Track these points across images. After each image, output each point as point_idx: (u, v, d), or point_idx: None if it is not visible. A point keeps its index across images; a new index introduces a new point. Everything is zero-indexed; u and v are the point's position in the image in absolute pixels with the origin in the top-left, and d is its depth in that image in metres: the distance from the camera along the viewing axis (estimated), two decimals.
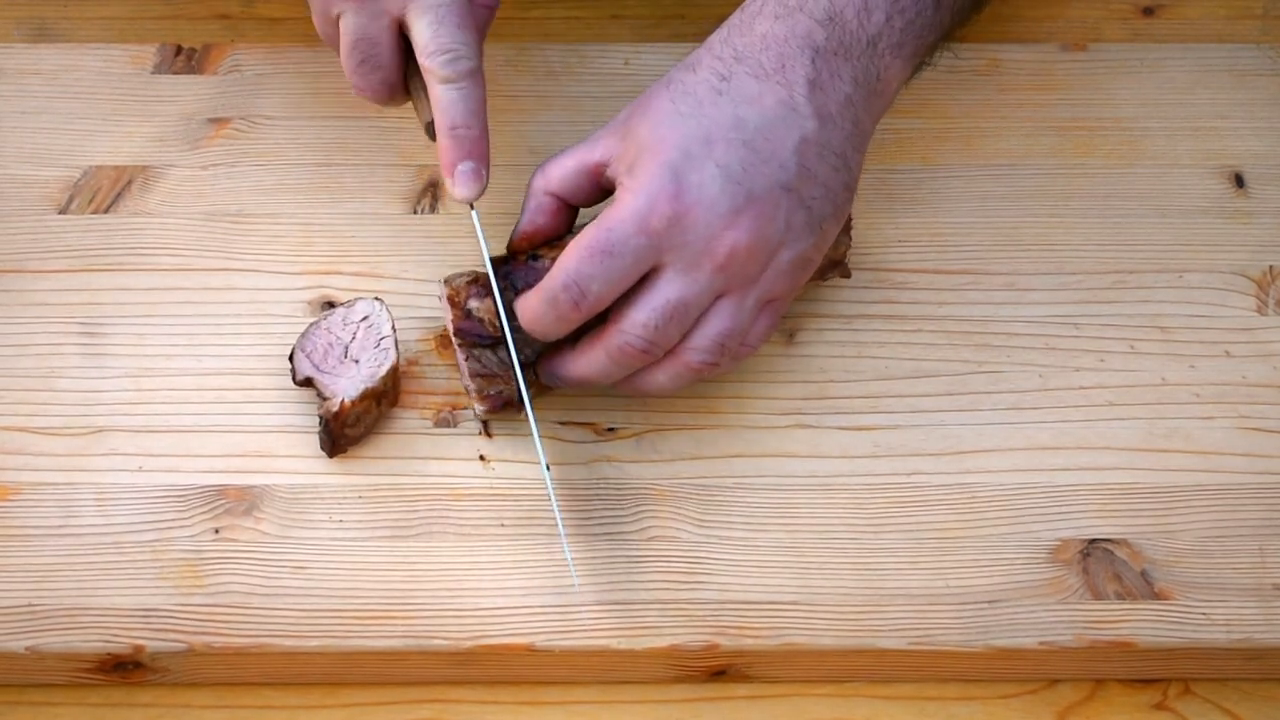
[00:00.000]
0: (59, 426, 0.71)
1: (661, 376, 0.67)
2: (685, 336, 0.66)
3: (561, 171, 0.68)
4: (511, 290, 0.68)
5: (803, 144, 0.65)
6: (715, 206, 0.63)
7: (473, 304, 0.68)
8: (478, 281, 0.69)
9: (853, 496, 0.69)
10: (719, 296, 0.65)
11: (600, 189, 0.68)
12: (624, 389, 0.68)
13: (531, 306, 0.66)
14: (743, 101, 0.65)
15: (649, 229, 0.63)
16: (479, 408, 0.69)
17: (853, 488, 0.69)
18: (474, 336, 0.68)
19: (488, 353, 0.69)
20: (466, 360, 0.69)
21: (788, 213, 0.65)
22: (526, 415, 0.67)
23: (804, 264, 0.67)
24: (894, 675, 0.67)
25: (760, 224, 0.64)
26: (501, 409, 0.69)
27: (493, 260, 0.69)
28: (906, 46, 0.69)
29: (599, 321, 0.66)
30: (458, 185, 0.69)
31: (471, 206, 0.70)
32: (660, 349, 0.65)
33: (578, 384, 0.68)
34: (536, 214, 0.69)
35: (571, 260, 0.64)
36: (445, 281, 0.69)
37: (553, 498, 0.66)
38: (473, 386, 0.69)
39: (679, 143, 0.64)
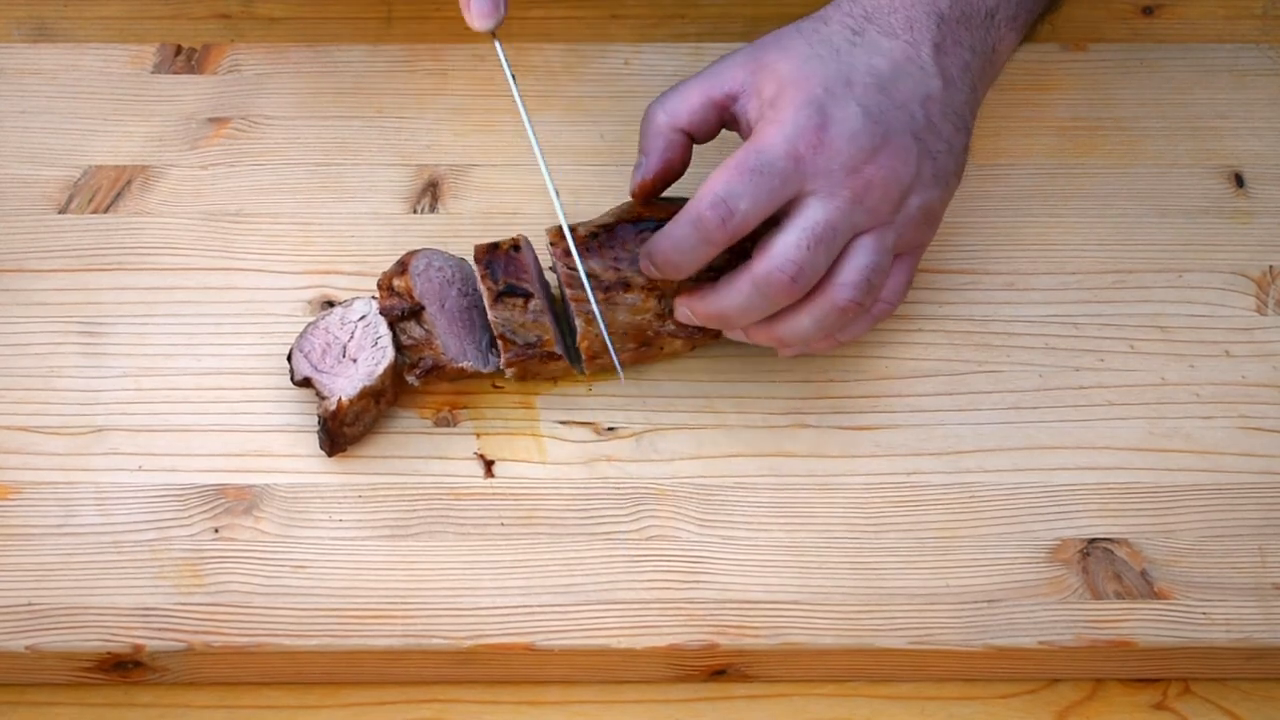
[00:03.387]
0: (59, 426, 0.71)
1: (806, 319, 0.67)
2: (830, 273, 0.66)
3: (689, 106, 0.69)
4: (491, 279, 0.69)
5: (928, 99, 0.68)
6: (857, 140, 0.65)
7: (395, 282, 0.70)
8: (398, 263, 0.71)
9: (853, 496, 0.69)
10: (858, 234, 0.66)
11: (721, 123, 0.70)
12: (762, 338, 0.68)
13: (673, 234, 0.66)
14: (875, 53, 0.68)
15: (796, 154, 0.65)
16: (411, 379, 0.70)
17: (853, 487, 0.69)
18: (396, 311, 0.70)
19: (411, 324, 0.70)
20: (398, 336, 0.70)
21: (918, 159, 0.67)
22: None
23: (930, 216, 0.69)
24: (894, 675, 0.67)
25: (895, 163, 0.66)
26: (428, 375, 0.70)
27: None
28: (1020, 19, 0.72)
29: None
30: (473, 13, 0.69)
31: (494, 36, 0.69)
32: (807, 279, 0.65)
33: (716, 321, 0.68)
34: (668, 151, 0.69)
35: (719, 181, 0.64)
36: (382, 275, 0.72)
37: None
38: (406, 362, 0.70)
39: (822, 81, 0.66)
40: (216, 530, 0.67)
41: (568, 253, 0.68)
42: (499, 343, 0.69)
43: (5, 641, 0.64)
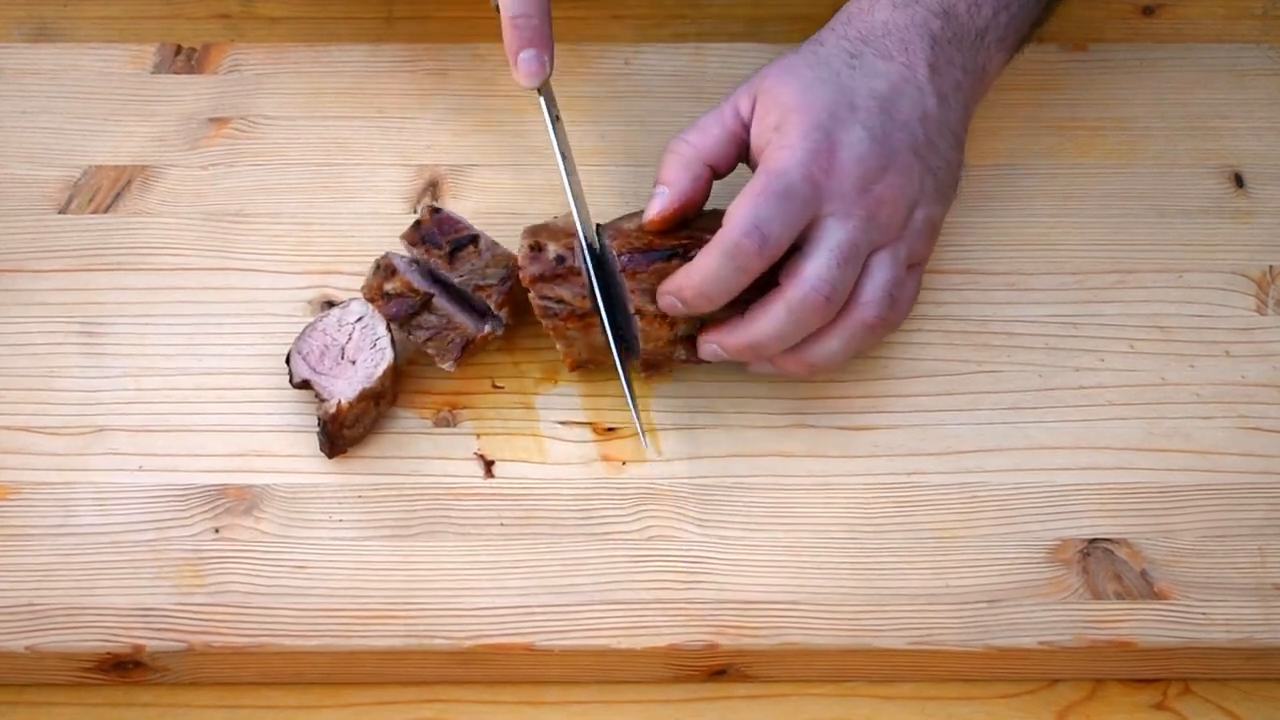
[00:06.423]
0: (59, 426, 0.71)
1: (835, 341, 0.67)
2: (853, 293, 0.67)
3: (712, 141, 0.69)
4: (435, 246, 0.70)
5: (925, 118, 0.69)
6: (865, 161, 0.67)
7: (387, 286, 0.70)
8: (379, 269, 0.71)
9: (852, 496, 0.69)
10: (873, 251, 0.67)
11: (738, 155, 0.70)
12: (790, 365, 0.68)
13: (705, 266, 0.65)
14: (874, 76, 0.69)
15: (812, 177, 0.66)
16: (447, 366, 0.70)
17: (852, 488, 0.69)
18: (405, 310, 0.70)
19: (425, 314, 0.70)
20: (412, 335, 0.70)
21: (920, 175, 0.69)
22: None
23: (933, 229, 0.70)
24: (894, 675, 0.67)
25: (901, 180, 0.68)
26: (464, 352, 0.70)
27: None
28: (1008, 39, 0.74)
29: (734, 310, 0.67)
30: (520, 72, 0.72)
31: (538, 92, 0.72)
32: (840, 297, 0.66)
33: (748, 352, 0.67)
34: (695, 183, 0.69)
35: (747, 209, 0.65)
36: (366, 286, 0.72)
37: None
38: (433, 353, 0.70)
39: (826, 105, 0.68)
40: (217, 530, 0.67)
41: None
42: (479, 294, 0.69)
43: (5, 641, 0.64)
